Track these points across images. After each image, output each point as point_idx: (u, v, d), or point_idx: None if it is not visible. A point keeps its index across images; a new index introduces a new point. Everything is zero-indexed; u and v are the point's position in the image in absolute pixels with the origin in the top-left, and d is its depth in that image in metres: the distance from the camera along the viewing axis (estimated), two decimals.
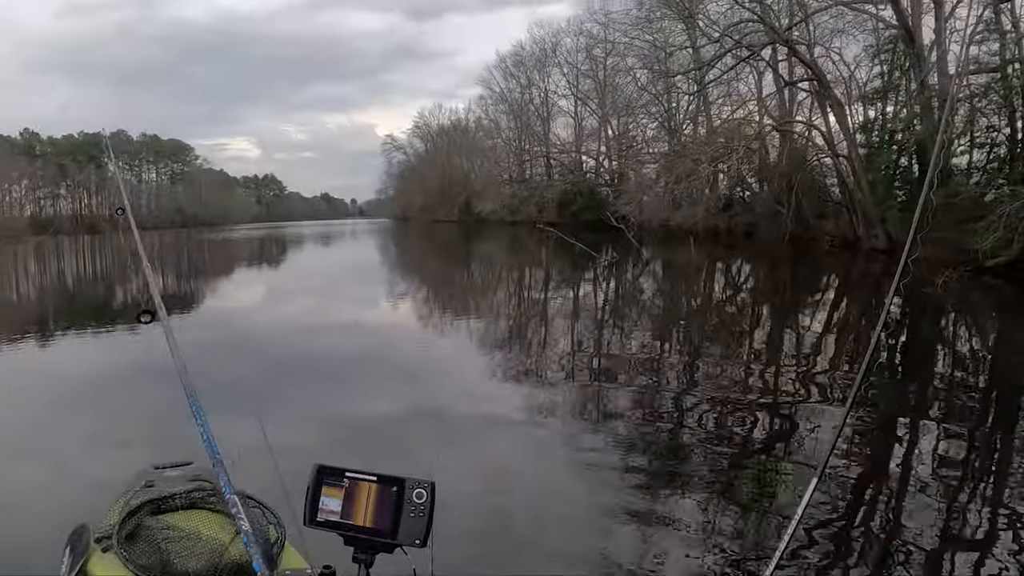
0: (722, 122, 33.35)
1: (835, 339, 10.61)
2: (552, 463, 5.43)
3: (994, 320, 12.16)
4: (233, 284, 22.43)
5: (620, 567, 3.69)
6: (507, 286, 20.38)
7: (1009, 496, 4.54)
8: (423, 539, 1.92)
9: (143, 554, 2.17)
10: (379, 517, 1.94)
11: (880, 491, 4.77)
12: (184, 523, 2.32)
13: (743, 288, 18.63)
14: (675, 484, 4.86)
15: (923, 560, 3.70)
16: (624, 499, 4.53)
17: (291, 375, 8.40)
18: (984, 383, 7.80)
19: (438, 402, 7.17)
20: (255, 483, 2.55)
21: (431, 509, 1.92)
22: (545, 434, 6.16)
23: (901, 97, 21.76)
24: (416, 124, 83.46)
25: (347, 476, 1.98)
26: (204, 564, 2.18)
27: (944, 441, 5.62)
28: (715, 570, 3.62)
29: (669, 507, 4.47)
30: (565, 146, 56.95)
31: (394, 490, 1.95)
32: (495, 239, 43.42)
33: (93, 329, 12.95)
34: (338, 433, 5.96)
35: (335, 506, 1.97)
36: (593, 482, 4.92)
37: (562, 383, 7.94)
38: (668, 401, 7.18)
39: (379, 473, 1.97)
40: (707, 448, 5.61)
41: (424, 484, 1.95)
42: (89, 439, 6.02)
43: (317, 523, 1.97)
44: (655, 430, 6.18)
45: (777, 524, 4.14)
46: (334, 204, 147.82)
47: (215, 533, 2.27)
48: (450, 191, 68.42)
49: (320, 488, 1.98)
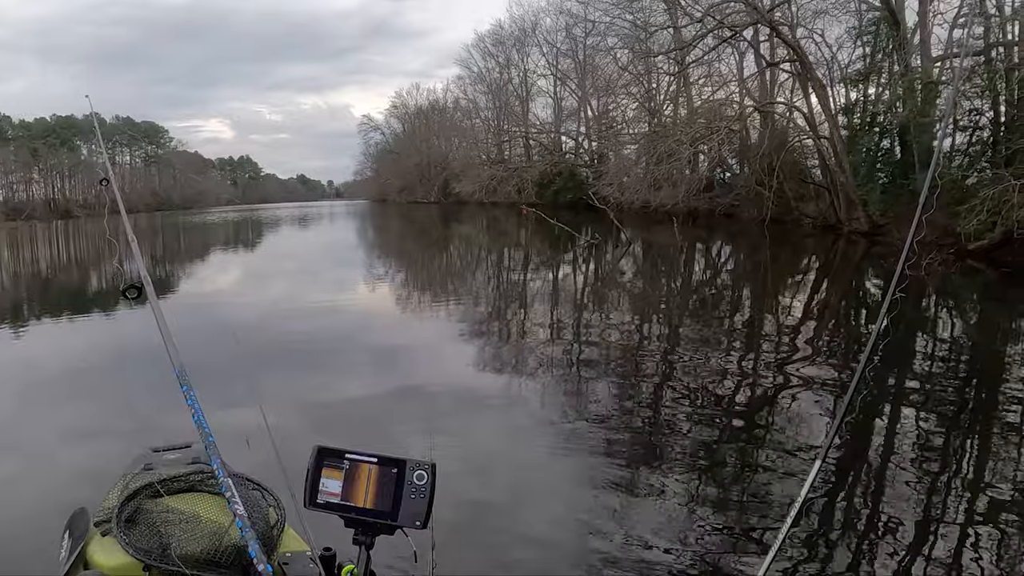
0: (702, 102, 33.24)
1: (819, 322, 10.60)
2: (535, 442, 5.40)
3: (975, 305, 12.17)
4: (211, 269, 22.09)
5: (603, 553, 3.63)
6: (487, 268, 20.23)
7: (989, 478, 4.56)
8: (424, 521, 1.90)
9: (143, 537, 2.14)
10: (380, 499, 1.92)
11: (860, 475, 4.75)
12: (184, 506, 2.28)
13: (727, 270, 18.63)
14: (658, 463, 4.85)
15: (903, 540, 3.69)
16: (605, 479, 4.50)
17: (271, 358, 8.27)
18: (964, 368, 7.75)
19: (416, 383, 7.11)
20: (255, 465, 2.53)
21: (432, 490, 1.90)
22: (526, 413, 6.16)
23: (883, 80, 21.70)
24: (394, 104, 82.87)
25: (347, 457, 1.96)
26: (204, 547, 2.14)
27: (924, 425, 5.59)
28: (701, 552, 3.58)
29: (651, 484, 4.47)
30: (544, 126, 56.68)
31: (394, 471, 1.93)
32: (474, 221, 43.20)
33: (74, 313, 12.74)
34: (319, 414, 5.89)
35: (335, 488, 1.95)
36: (573, 462, 4.89)
37: (547, 364, 7.84)
38: (652, 383, 7.12)
39: (380, 454, 1.95)
40: (693, 428, 5.58)
41: (425, 465, 1.92)
42: (75, 425, 5.88)
43: (317, 505, 1.96)
44: (636, 412, 6.14)
45: (759, 504, 4.16)
46: (311, 186, 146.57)
47: (215, 516, 2.24)
48: (428, 172, 68.02)
49: (320, 470, 1.96)
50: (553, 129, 55.43)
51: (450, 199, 61.32)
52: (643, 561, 3.53)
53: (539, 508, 4.27)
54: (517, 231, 33.69)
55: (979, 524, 3.90)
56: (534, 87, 57.68)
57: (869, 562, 3.54)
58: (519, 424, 5.87)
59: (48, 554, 2.50)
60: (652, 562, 3.51)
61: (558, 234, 25.59)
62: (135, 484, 2.37)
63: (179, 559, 2.10)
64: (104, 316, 12.11)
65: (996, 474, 4.64)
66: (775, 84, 29.78)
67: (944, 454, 5.06)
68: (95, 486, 2.93)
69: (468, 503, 4.03)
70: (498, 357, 8.52)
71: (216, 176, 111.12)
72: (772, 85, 29.78)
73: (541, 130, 56.75)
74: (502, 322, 11.03)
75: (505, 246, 27.57)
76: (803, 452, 4.98)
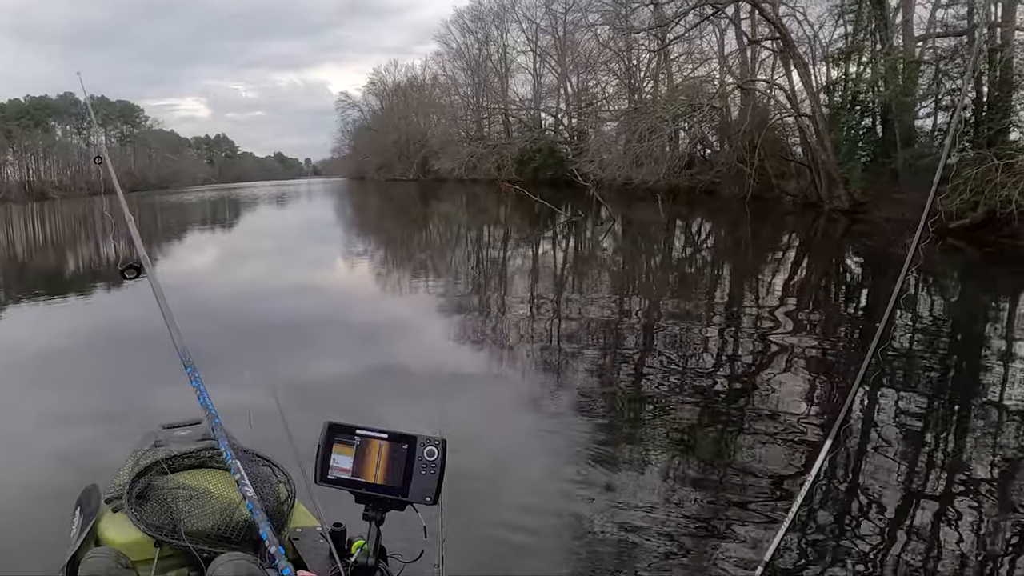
0: (683, 79, 33.15)
1: (806, 298, 10.70)
2: (518, 419, 5.44)
3: (956, 283, 12.26)
4: (190, 249, 21.76)
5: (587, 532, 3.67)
6: (468, 246, 20.22)
7: (967, 457, 4.64)
8: (434, 497, 1.92)
9: (154, 513, 2.16)
10: (390, 474, 1.93)
11: (837, 453, 4.76)
12: (194, 482, 2.30)
13: (713, 247, 18.79)
14: (643, 441, 4.87)
15: (881, 521, 3.72)
16: (589, 460, 4.50)
17: (256, 337, 8.34)
18: (944, 347, 7.81)
19: (396, 360, 7.11)
20: (261, 442, 2.55)
21: (442, 466, 1.92)
22: (509, 391, 6.19)
23: (864, 58, 21.71)
24: (372, 81, 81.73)
25: (358, 433, 1.97)
26: (215, 522, 2.16)
27: (902, 403, 5.62)
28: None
29: (633, 463, 4.49)
30: (524, 103, 56.30)
31: (405, 447, 1.94)
32: (454, 198, 42.99)
33: (70, 294, 12.60)
34: (305, 392, 5.80)
35: (346, 463, 1.96)
36: (557, 440, 4.91)
37: (535, 341, 7.89)
38: (639, 359, 7.16)
39: (390, 430, 1.96)
40: (677, 403, 5.63)
41: (435, 441, 1.93)
42: (72, 408, 5.79)
43: (328, 481, 1.97)
44: (621, 389, 6.17)
45: (742, 478, 4.20)
46: (288, 164, 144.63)
47: (225, 491, 2.26)
48: (407, 150, 67.38)
49: (331, 446, 1.97)
50: (533, 106, 55.10)
51: (429, 176, 60.84)
52: (644, 538, 3.55)
53: (535, 480, 4.31)
54: (497, 208, 33.62)
55: (954, 501, 3.98)
56: (513, 63, 57.25)
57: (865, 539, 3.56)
58: (495, 401, 5.92)
59: (60, 530, 2.50)
60: (651, 541, 3.52)
61: (538, 211, 25.57)
62: (146, 461, 2.39)
63: (190, 535, 2.12)
64: (99, 297, 12.02)
65: (971, 453, 4.71)
66: (756, 62, 29.78)
67: (921, 432, 5.13)
68: (102, 464, 3.01)
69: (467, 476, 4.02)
70: (495, 333, 8.57)
71: (192, 155, 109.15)
72: (753, 63, 29.78)
73: (521, 107, 56.40)
74: (489, 299, 11.03)
75: (485, 223, 27.56)
76: (796, 428, 5.04)
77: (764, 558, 2.01)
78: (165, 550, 2.16)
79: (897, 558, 3.36)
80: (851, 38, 21.95)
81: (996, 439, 4.87)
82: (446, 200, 42.31)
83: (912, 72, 18.39)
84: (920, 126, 19.54)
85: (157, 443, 2.59)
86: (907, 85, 18.24)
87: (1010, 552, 3.47)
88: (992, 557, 3.41)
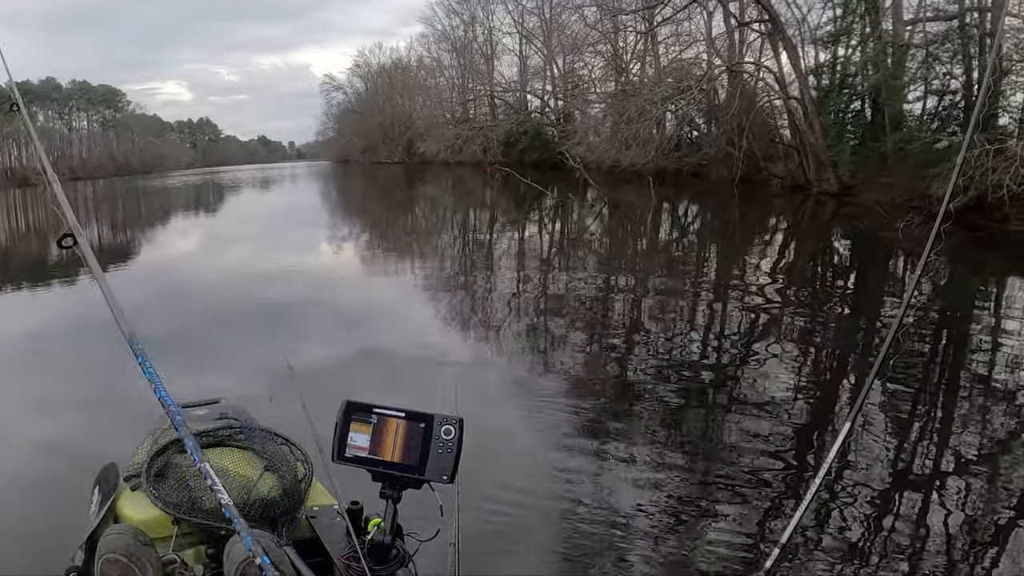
0: (670, 61, 33.03)
1: (806, 283, 10.75)
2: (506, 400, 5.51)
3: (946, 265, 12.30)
4: (174, 234, 21.64)
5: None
6: (456, 229, 20.17)
7: (954, 441, 4.72)
8: (451, 475, 1.94)
9: (172, 492, 2.17)
10: (407, 453, 1.95)
11: (824, 433, 4.89)
12: (212, 460, 2.22)
13: (708, 229, 18.85)
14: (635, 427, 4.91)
15: (893, 505, 3.79)
16: (577, 443, 4.56)
17: (244, 320, 8.43)
18: (931, 330, 7.88)
19: (381, 344, 7.15)
20: (275, 421, 2.59)
21: (459, 445, 1.94)
22: (497, 374, 6.27)
23: (854, 41, 21.68)
24: (356, 63, 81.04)
25: (375, 412, 1.98)
26: (233, 500, 2.04)
27: (890, 385, 5.67)
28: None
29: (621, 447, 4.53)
30: (510, 85, 55.97)
31: (422, 426, 1.96)
32: (439, 181, 42.88)
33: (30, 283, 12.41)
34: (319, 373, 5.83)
35: (363, 442, 1.98)
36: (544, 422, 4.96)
37: (537, 326, 7.94)
38: (646, 339, 7.20)
39: (408, 409, 1.98)
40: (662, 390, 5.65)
41: (452, 420, 1.95)
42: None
43: (345, 459, 1.99)
44: (611, 373, 6.23)
45: (753, 459, 4.25)
46: (272, 147, 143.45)
47: (243, 470, 2.28)
48: (392, 132, 66.98)
49: (348, 424, 1.99)
50: (519, 88, 54.77)
51: (414, 159, 60.57)
52: (654, 520, 3.60)
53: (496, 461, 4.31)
54: (483, 191, 33.57)
55: (941, 482, 4.07)
56: (499, 45, 56.90)
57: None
58: (482, 384, 5.95)
59: (77, 509, 2.53)
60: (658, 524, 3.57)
61: (524, 193, 25.56)
62: (164, 439, 2.40)
63: (208, 512, 2.14)
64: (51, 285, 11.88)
65: (958, 437, 4.79)
66: (743, 44, 29.68)
67: (909, 415, 5.19)
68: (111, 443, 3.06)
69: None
70: (497, 313, 8.67)
71: (176, 139, 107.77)
72: (740, 45, 29.67)
73: (507, 89, 56.06)
74: (491, 280, 11.09)
75: (472, 206, 27.54)
76: (809, 412, 5.07)
77: (781, 540, 2.02)
78: (183, 527, 2.17)
79: (912, 543, 3.41)
80: (840, 21, 21.89)
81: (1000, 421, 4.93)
82: (432, 183, 42.28)
83: (901, 56, 18.38)
84: (909, 110, 19.58)
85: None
86: (896, 69, 18.24)
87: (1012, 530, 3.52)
88: (990, 540, 3.46)
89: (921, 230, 13.05)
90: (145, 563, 1.89)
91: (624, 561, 3.32)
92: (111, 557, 1.86)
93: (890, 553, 3.32)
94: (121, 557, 1.86)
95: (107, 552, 1.87)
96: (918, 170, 15.68)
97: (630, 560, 3.32)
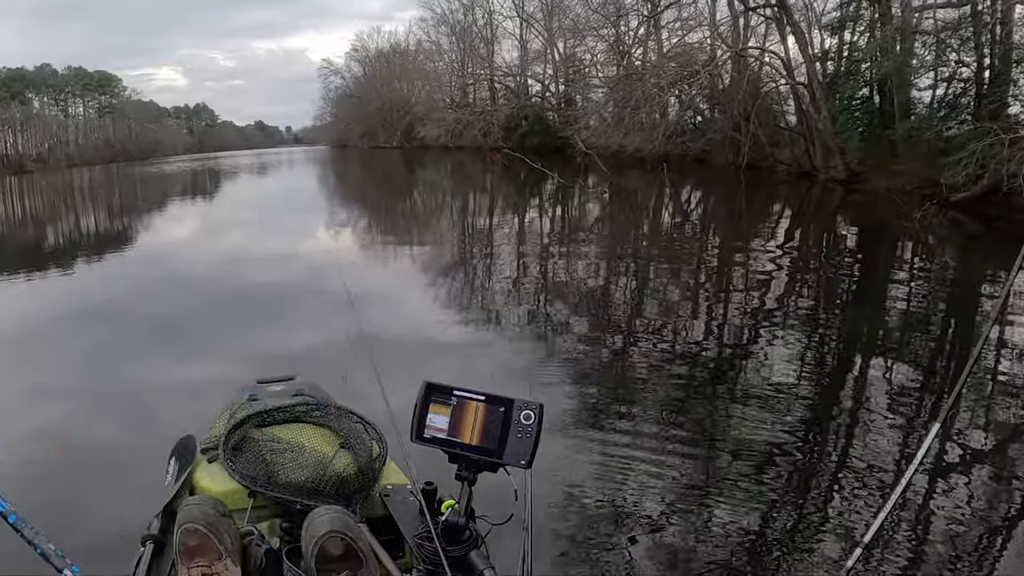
0: (672, 46, 32.84)
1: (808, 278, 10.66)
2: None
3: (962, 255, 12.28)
4: (174, 221, 21.53)
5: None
6: (464, 217, 20.10)
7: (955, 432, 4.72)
8: (529, 460, 1.94)
9: (248, 464, 2.22)
10: (486, 436, 1.96)
11: (832, 418, 5.01)
12: (288, 436, 2.35)
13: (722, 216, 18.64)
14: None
15: (979, 507, 3.76)
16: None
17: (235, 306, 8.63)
18: (942, 319, 7.95)
19: (377, 329, 7.13)
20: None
21: (539, 431, 1.93)
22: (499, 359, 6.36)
23: (861, 28, 21.56)
24: (354, 47, 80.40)
25: (455, 394, 1.99)
26: (308, 476, 2.21)
27: (899, 375, 5.77)
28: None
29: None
30: (510, 69, 55.62)
31: (502, 410, 1.96)
32: (440, 166, 42.73)
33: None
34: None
35: (442, 423, 1.98)
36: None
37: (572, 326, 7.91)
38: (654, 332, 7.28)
39: (487, 392, 1.99)
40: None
41: (533, 405, 1.95)
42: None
43: (424, 439, 1.99)
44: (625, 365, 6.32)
45: (838, 457, 4.25)
46: (269, 132, 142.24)
47: (318, 446, 2.32)
48: (391, 117, 66.47)
49: (428, 405, 1.99)
50: (519, 72, 54.43)
51: (414, 144, 60.17)
52: (733, 517, 3.64)
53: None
54: (483, 176, 33.49)
55: (951, 474, 4.09)
56: (499, 29, 56.37)
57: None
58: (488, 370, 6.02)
59: (152, 478, 2.61)
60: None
61: (524, 179, 25.48)
62: (241, 413, 2.45)
63: (283, 486, 2.17)
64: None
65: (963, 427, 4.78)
66: (748, 29, 29.54)
67: (918, 401, 5.26)
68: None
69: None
70: (488, 310, 8.67)
71: (172, 125, 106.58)
72: (745, 30, 29.53)
73: (507, 73, 55.70)
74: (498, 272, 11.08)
75: (478, 192, 27.51)
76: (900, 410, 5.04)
77: (864, 539, 2.03)
78: (258, 500, 2.20)
79: (996, 548, 3.41)
80: (848, 6, 21.78)
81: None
82: (433, 168, 42.06)
83: (910, 43, 18.30)
84: (918, 97, 19.54)
85: (252, 397, 2.64)
86: (906, 56, 18.17)
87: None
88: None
89: (938, 219, 13.12)
90: (223, 533, 1.91)
91: (699, 552, 3.37)
92: (191, 527, 1.89)
93: (968, 556, 3.34)
94: (200, 527, 1.88)
95: (187, 521, 1.90)
96: (929, 158, 15.70)
97: (705, 551, 3.36)
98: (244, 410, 2.46)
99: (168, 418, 4.52)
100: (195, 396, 4.77)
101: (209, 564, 1.87)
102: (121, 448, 4.55)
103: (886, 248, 12.42)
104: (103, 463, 4.39)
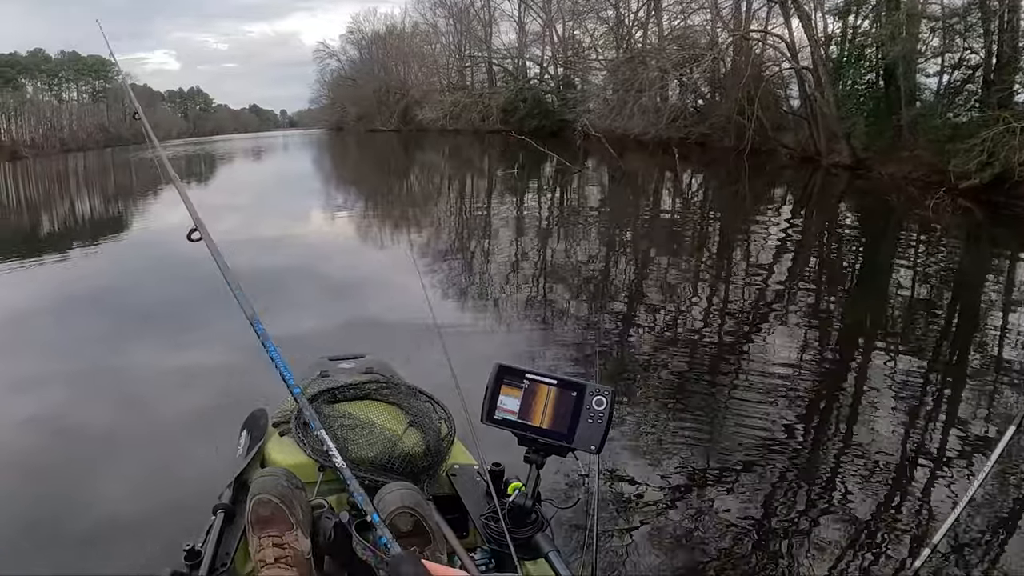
0: (672, 29, 32.70)
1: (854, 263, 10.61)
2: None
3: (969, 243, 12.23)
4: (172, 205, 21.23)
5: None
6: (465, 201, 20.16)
7: (959, 420, 4.79)
8: (599, 446, 1.94)
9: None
10: (557, 420, 1.96)
11: (833, 409, 5.08)
12: (359, 412, 2.38)
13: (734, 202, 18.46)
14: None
15: (867, 474, 3.94)
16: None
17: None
18: (947, 308, 8.00)
19: (370, 314, 7.39)
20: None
21: (610, 417, 1.94)
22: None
23: (864, 11, 21.45)
24: (350, 30, 79.60)
25: (527, 377, 2.00)
26: (378, 452, 2.24)
27: (901, 363, 5.84)
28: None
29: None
30: (508, 51, 55.31)
31: (574, 395, 1.96)
32: (438, 148, 42.57)
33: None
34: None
35: (513, 406, 1.99)
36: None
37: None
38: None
39: (560, 376, 1.99)
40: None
41: (605, 391, 1.95)
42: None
43: (494, 420, 2.01)
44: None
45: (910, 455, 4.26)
46: (264, 116, 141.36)
47: (388, 423, 2.34)
48: (388, 99, 66.05)
49: (499, 387, 2.01)
50: (517, 54, 54.13)
51: (410, 127, 59.85)
52: (805, 511, 3.68)
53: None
54: (481, 159, 33.40)
55: (951, 460, 4.17)
56: (497, 10, 55.99)
57: None
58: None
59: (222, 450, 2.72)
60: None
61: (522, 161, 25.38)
62: (313, 389, 2.45)
63: (353, 462, 2.15)
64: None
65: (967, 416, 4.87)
66: (750, 12, 29.42)
67: (920, 391, 5.32)
68: None
69: None
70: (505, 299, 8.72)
71: (167, 109, 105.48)
72: (747, 13, 29.42)
73: (505, 55, 55.39)
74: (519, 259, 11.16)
75: (477, 176, 27.50)
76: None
77: (932, 541, 2.05)
78: (328, 475, 2.21)
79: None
80: None
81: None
82: (431, 150, 41.87)
83: (916, 28, 18.22)
84: (924, 84, 19.52)
85: (323, 373, 2.67)
86: (913, 41, 18.10)
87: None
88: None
89: (951, 208, 13.14)
90: (295, 505, 1.94)
91: (764, 548, 3.40)
92: (264, 498, 1.91)
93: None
94: (274, 498, 1.91)
95: (260, 492, 1.93)
96: (937, 145, 15.72)
97: (770, 549, 3.41)
98: (316, 386, 2.48)
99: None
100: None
101: (280, 534, 1.90)
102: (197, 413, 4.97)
103: (911, 240, 12.26)
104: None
